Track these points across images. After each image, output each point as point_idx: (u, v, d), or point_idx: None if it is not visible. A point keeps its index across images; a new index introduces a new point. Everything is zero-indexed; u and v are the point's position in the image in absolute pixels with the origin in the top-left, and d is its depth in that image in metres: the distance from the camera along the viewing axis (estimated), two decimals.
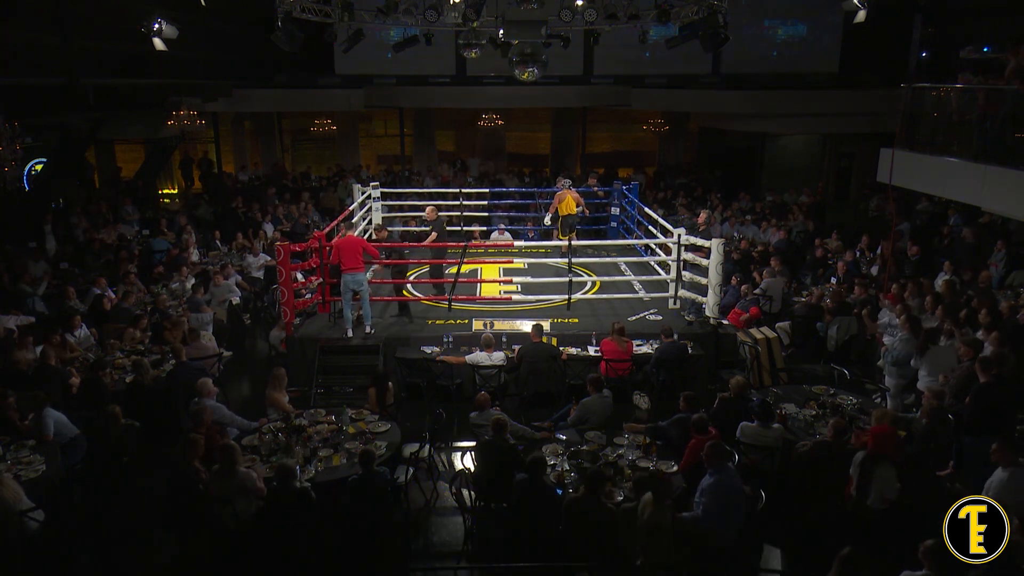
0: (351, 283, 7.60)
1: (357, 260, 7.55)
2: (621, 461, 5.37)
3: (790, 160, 16.67)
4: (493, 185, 15.63)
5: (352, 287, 7.63)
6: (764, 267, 9.81)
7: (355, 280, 7.58)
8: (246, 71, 15.41)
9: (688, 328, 8.02)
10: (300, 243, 8.67)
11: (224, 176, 16.88)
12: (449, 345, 7.60)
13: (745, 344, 7.68)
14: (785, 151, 16.89)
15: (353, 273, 7.53)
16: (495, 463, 5.27)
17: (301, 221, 12.92)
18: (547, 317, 8.15)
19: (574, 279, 8.49)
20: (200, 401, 5.89)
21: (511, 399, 7.18)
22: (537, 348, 7.09)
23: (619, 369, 7.08)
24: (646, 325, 8.13)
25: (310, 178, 17.18)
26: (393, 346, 7.68)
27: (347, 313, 7.63)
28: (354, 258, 7.52)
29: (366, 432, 5.78)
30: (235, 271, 10.15)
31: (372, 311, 8.46)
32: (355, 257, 7.53)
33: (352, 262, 7.53)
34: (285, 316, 7.72)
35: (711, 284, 7.91)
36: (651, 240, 9.98)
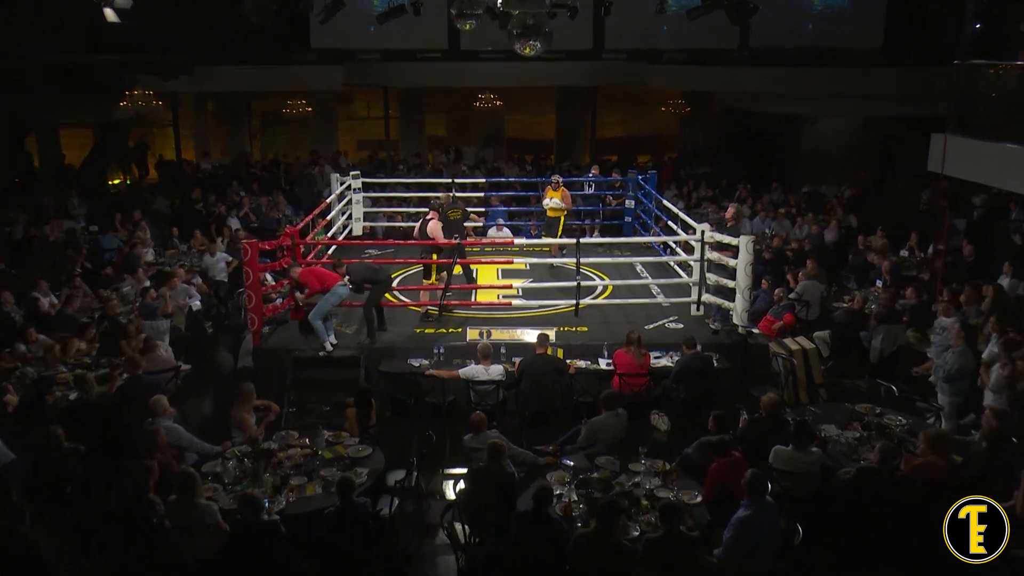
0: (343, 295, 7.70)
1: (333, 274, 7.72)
2: (637, 490, 5.34)
3: (828, 147, 16.69)
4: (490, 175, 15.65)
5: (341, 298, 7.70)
6: (799, 268, 9.80)
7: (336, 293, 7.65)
8: (210, 46, 15.41)
9: (713, 338, 8.01)
10: (269, 240, 8.66)
11: (184, 164, 16.88)
12: (440, 357, 7.58)
13: (778, 356, 7.67)
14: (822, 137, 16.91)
15: (339, 286, 7.66)
16: (492, 492, 5.23)
17: (271, 215, 12.91)
18: (552, 325, 8.12)
19: (583, 282, 8.48)
20: (154, 421, 5.86)
21: (511, 419, 7.17)
22: (541, 361, 7.07)
23: (635, 385, 7.07)
24: (665, 334, 8.12)
25: (280, 166, 17.18)
26: (376, 358, 7.67)
27: (319, 325, 7.63)
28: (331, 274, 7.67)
29: (345, 457, 5.75)
30: (195, 272, 10.13)
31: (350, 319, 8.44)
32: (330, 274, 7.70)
33: (333, 277, 7.67)
34: (252, 324, 7.70)
35: (739, 288, 7.90)
36: (671, 238, 9.97)
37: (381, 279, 7.91)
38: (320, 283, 7.62)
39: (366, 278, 7.86)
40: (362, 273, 7.88)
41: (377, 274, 7.91)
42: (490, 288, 9.12)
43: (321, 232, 10.32)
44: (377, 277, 7.89)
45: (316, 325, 7.63)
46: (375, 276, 7.90)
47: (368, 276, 7.87)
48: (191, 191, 14.11)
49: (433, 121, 20.02)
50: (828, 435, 5.99)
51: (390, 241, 10.87)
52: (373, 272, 7.93)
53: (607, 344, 7.69)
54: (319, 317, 7.62)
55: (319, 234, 10.14)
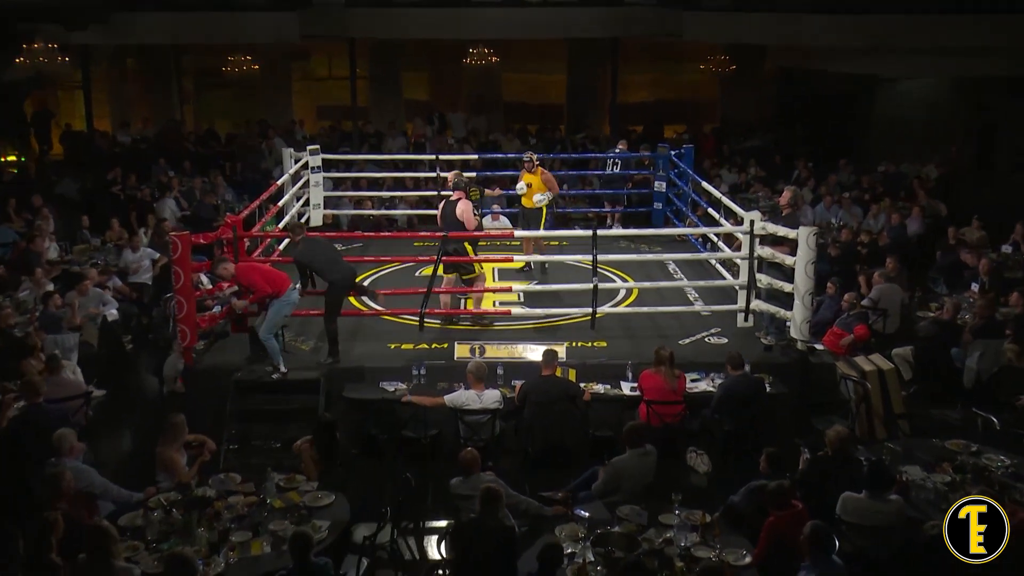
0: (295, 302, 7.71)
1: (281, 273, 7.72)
2: (670, 549, 5.34)
3: (910, 115, 16.78)
4: (485, 149, 15.70)
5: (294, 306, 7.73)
6: (874, 268, 9.82)
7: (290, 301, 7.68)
8: None
9: (766, 355, 8.03)
10: (205, 233, 8.69)
11: (97, 137, 16.92)
12: (421, 379, 7.59)
13: (848, 379, 7.68)
14: (903, 103, 17.01)
15: (291, 291, 7.66)
16: (487, 551, 5.24)
17: (207, 201, 12.94)
18: (562, 339, 8.13)
19: (601, 285, 8.49)
20: (59, 462, 5.86)
21: (510, 457, 7.18)
22: (548, 384, 7.08)
23: (666, 415, 7.08)
24: (705, 351, 8.12)
25: (218, 139, 17.23)
26: (340, 382, 7.68)
27: (272, 343, 7.64)
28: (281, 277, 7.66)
29: (300, 507, 5.75)
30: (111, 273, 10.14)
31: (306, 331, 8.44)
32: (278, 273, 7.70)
33: (282, 277, 7.65)
34: (183, 338, 7.72)
35: (798, 292, 7.92)
36: (711, 229, 9.99)
37: (336, 279, 7.82)
38: (268, 284, 7.55)
39: (318, 266, 7.79)
40: (317, 256, 7.79)
41: (334, 268, 7.81)
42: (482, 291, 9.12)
43: (271, 222, 10.34)
44: (333, 273, 7.79)
45: (269, 345, 7.60)
46: (331, 269, 7.79)
47: (322, 265, 7.78)
48: (106, 171, 14.14)
49: (412, 82, 20.08)
50: (911, 479, 5.98)
51: (358, 234, 10.90)
52: (330, 262, 7.82)
53: (631, 363, 7.68)
54: (271, 332, 7.62)
55: (268, 224, 10.16)
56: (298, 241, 7.89)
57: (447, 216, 8.57)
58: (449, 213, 8.55)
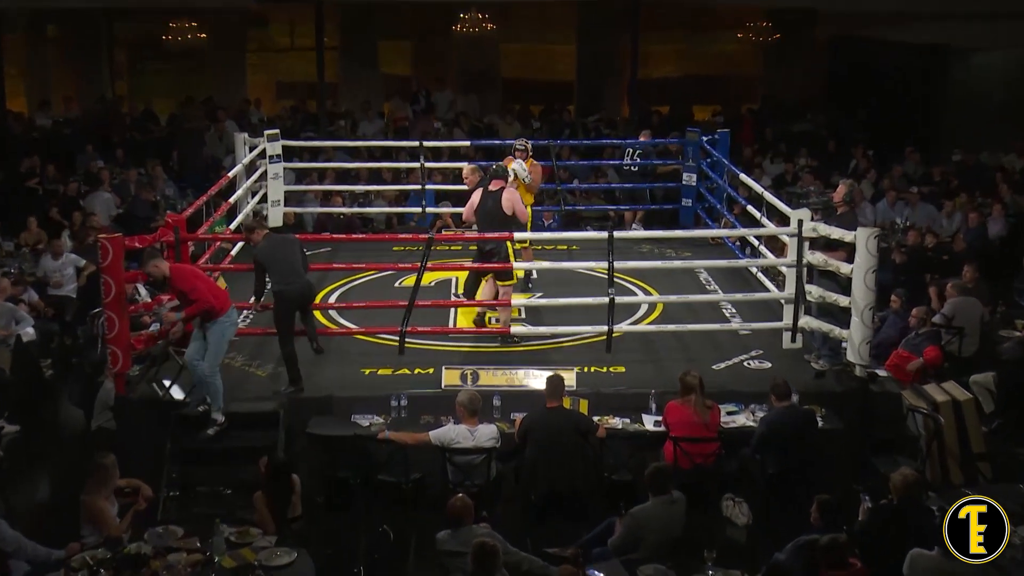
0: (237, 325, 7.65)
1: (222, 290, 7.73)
2: None
3: (990, 94, 16.80)
4: (478, 134, 15.72)
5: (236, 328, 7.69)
6: (948, 277, 9.82)
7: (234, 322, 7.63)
8: None
9: (817, 383, 8.05)
10: (141, 235, 8.70)
11: (10, 119, 16.94)
12: (401, 412, 7.60)
13: (917, 412, 7.68)
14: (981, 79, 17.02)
15: (233, 310, 7.59)
16: None
17: (144, 197, 12.95)
18: (571, 363, 8.14)
19: (618, 298, 8.50)
20: None
21: (508, 506, 7.18)
22: (554, 418, 7.09)
23: (697, 455, 7.08)
24: (744, 378, 8.14)
25: (158, 121, 17.26)
26: (303, 415, 7.68)
27: (217, 382, 7.46)
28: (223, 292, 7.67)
29: (254, 566, 5.74)
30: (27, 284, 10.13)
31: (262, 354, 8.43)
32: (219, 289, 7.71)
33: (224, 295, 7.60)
34: (114, 363, 7.72)
35: (857, 307, 7.93)
36: (751, 230, 10.01)
37: (285, 291, 7.74)
38: (212, 295, 7.42)
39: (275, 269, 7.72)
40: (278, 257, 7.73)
41: (290, 277, 7.74)
42: (476, 306, 9.17)
43: (220, 222, 10.37)
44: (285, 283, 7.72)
45: (213, 385, 7.42)
46: (285, 277, 7.72)
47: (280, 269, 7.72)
48: (21, 160, 14.15)
49: (391, 54, 20.14)
50: None
51: (325, 235, 10.92)
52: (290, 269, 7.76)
53: (655, 393, 7.70)
54: (218, 367, 7.43)
55: (217, 225, 10.18)
56: (260, 238, 7.86)
57: (489, 211, 8.64)
58: (492, 207, 8.63)
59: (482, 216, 8.74)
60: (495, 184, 8.80)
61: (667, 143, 12.87)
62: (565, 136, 16.12)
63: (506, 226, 8.60)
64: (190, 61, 19.68)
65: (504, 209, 8.61)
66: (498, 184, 8.80)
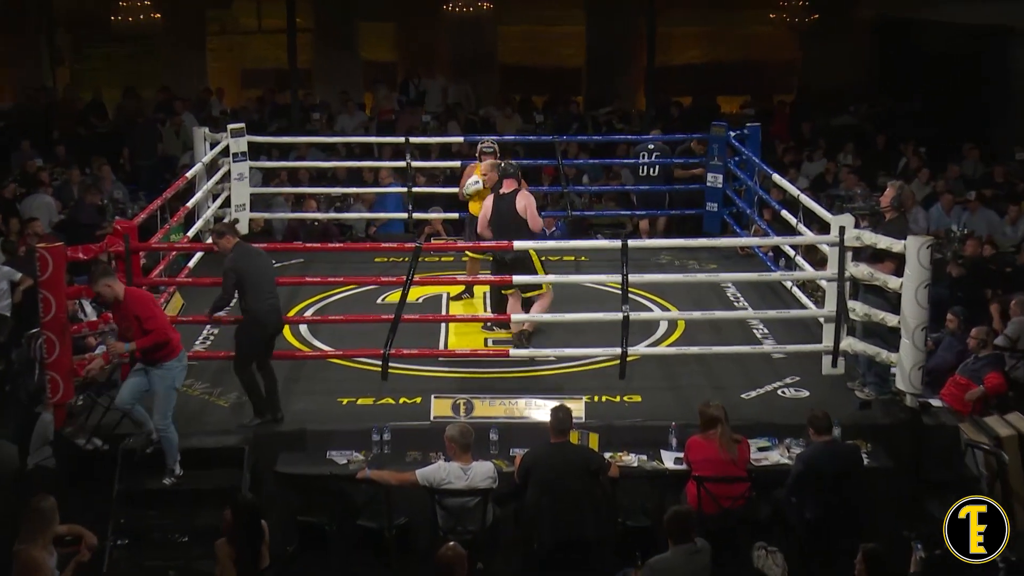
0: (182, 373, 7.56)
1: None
2: None
3: None
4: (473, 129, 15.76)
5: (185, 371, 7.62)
6: (1012, 293, 9.81)
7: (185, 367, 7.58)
8: None
9: (862, 414, 8.06)
10: (86, 244, 8.70)
11: None
12: (384, 448, 7.63)
13: (977, 447, 7.67)
14: None
15: (183, 355, 7.50)
16: None
17: (88, 201, 12.96)
18: (580, 391, 8.15)
19: (634, 315, 8.52)
20: None
21: (507, 556, 7.17)
22: (560, 455, 7.09)
23: (724, 497, 7.07)
24: (777, 408, 8.16)
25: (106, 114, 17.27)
26: (270, 451, 7.69)
27: (171, 435, 7.41)
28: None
29: None
30: None
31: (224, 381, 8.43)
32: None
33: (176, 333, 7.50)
34: (53, 391, 7.70)
35: (907, 327, 7.93)
36: (787, 238, 10.01)
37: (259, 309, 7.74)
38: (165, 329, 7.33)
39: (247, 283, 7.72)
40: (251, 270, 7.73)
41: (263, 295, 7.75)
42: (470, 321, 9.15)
43: (176, 230, 10.37)
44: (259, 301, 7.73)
45: (166, 438, 7.38)
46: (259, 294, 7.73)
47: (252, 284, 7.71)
48: None
49: (373, 37, 20.22)
50: None
51: (297, 244, 10.92)
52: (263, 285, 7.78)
53: (676, 426, 7.71)
54: (169, 417, 7.34)
55: (172, 233, 10.19)
56: (230, 247, 7.85)
57: (503, 216, 8.79)
58: (506, 212, 8.78)
59: (496, 224, 8.84)
60: (507, 185, 8.83)
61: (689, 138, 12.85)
62: (572, 131, 16.20)
63: (521, 232, 8.68)
64: (142, 46, 19.73)
65: (519, 213, 8.72)
66: (511, 185, 8.83)
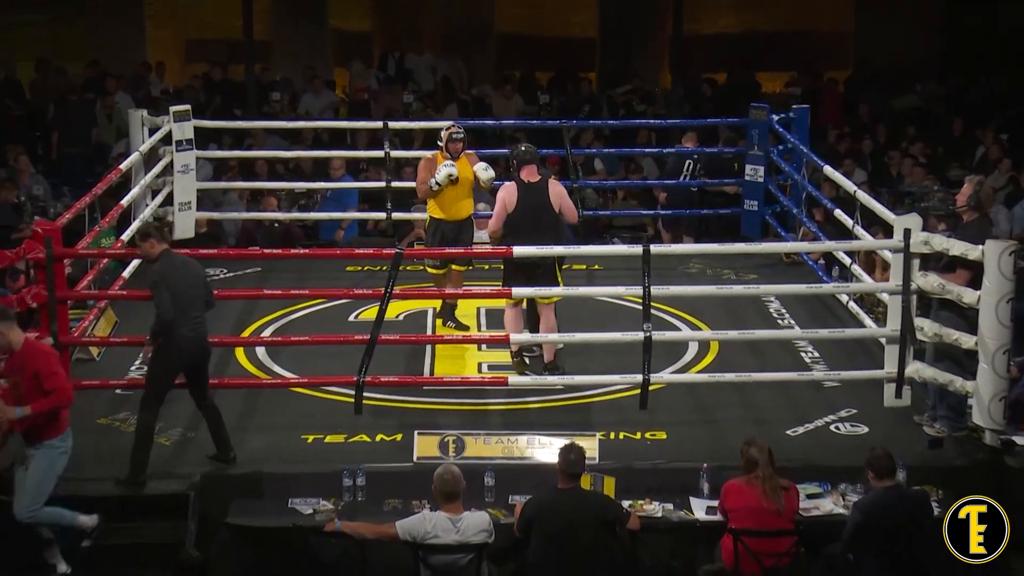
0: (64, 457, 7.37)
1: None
2: None
3: None
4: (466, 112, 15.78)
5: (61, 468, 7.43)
6: None
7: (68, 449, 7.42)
8: None
9: (933, 454, 8.04)
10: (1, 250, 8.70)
11: None
12: (358, 495, 7.62)
13: None
14: None
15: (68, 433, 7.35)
16: None
17: (3, 197, 12.97)
18: (593, 427, 8.17)
19: (658, 335, 8.53)
20: None
21: None
22: (569, 503, 7.06)
23: (767, 554, 7.05)
24: (830, 447, 8.16)
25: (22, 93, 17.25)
26: (221, 495, 7.69)
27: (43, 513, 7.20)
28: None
29: None
30: None
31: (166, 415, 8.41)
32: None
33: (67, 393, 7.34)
34: None
35: (986, 349, 7.94)
36: (841, 243, 10.00)
37: (182, 336, 7.61)
38: (67, 393, 7.19)
39: (175, 301, 7.67)
40: (179, 283, 7.64)
41: (187, 316, 7.62)
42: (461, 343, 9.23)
43: (108, 233, 10.36)
44: (181, 325, 7.58)
45: (38, 518, 7.20)
46: (182, 315, 7.58)
47: (177, 300, 7.61)
48: None
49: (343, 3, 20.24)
50: None
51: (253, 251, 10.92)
52: (189, 303, 7.66)
53: (707, 468, 7.70)
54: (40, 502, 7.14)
55: (104, 236, 10.18)
56: (156, 254, 7.79)
57: (535, 210, 8.82)
58: (538, 205, 8.82)
59: (525, 222, 8.85)
60: (529, 172, 8.85)
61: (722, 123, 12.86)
62: (584, 114, 16.20)
63: (556, 230, 8.79)
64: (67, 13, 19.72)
65: (553, 205, 8.80)
66: (533, 172, 8.88)
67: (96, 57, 17.75)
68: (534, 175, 8.98)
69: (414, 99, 16.61)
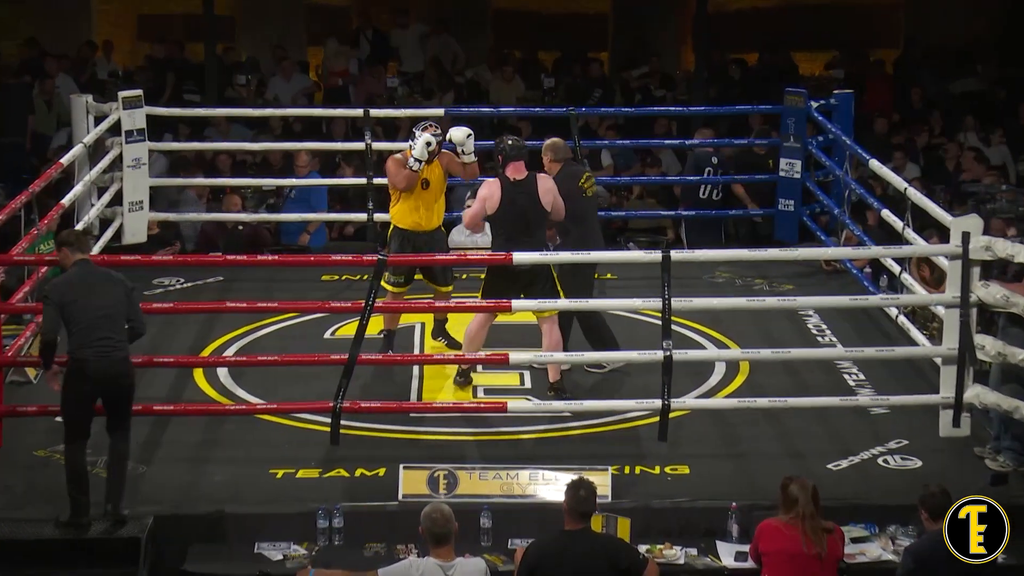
0: None
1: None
2: None
3: None
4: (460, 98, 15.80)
5: None
6: None
7: None
8: None
9: (995, 491, 8.00)
10: None
11: None
12: (334, 539, 7.63)
13: None
14: None
15: None
16: None
17: None
18: (605, 460, 8.16)
19: (680, 355, 8.55)
20: None
21: None
22: (577, 547, 7.03)
23: None
24: (879, 483, 8.18)
25: None
26: (177, 539, 7.69)
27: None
28: None
29: None
30: None
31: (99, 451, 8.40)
32: None
33: None
34: None
35: None
36: (890, 249, 10.01)
37: (86, 358, 7.48)
38: None
39: (69, 318, 7.52)
40: (78, 300, 7.50)
41: (88, 336, 7.48)
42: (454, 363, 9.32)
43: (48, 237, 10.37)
44: (83, 347, 7.47)
45: None
46: (83, 336, 7.45)
47: (75, 320, 7.47)
48: None
49: None
50: None
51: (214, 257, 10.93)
52: (89, 325, 7.50)
53: (736, 507, 7.71)
54: None
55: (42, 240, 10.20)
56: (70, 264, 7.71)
57: (523, 209, 8.88)
58: (528, 204, 8.87)
59: (514, 220, 8.89)
60: (513, 169, 8.87)
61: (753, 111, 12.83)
62: (594, 100, 16.23)
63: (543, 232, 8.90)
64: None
65: (543, 203, 8.84)
66: (520, 170, 8.89)
67: (32, 34, 17.76)
68: (521, 172, 9.04)
69: (399, 83, 16.63)
